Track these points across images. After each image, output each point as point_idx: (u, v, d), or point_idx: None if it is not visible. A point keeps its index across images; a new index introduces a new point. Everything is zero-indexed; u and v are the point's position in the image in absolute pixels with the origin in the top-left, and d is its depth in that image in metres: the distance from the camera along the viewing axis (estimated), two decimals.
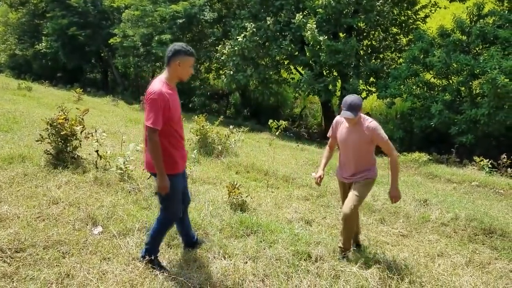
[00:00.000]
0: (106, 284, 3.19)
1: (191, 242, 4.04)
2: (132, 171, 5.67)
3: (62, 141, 5.77)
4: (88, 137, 5.87)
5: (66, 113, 5.82)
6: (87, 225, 4.15)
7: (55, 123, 5.66)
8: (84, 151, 6.28)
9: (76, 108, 6.26)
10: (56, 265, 3.35)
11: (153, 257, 3.53)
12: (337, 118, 4.28)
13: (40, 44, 26.28)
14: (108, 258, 3.61)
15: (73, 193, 4.87)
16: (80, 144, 5.92)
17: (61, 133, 5.68)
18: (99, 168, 5.82)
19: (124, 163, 5.56)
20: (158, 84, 3.28)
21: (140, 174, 5.83)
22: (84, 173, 5.59)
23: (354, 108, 3.89)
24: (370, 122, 4.04)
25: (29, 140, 6.95)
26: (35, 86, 18.87)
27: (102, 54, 27.61)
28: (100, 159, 5.84)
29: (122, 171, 5.53)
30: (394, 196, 4.16)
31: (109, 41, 22.92)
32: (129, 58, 23.38)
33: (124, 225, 4.20)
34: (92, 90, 25.01)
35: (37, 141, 5.77)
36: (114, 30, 22.69)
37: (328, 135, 4.45)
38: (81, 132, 5.80)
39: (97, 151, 5.77)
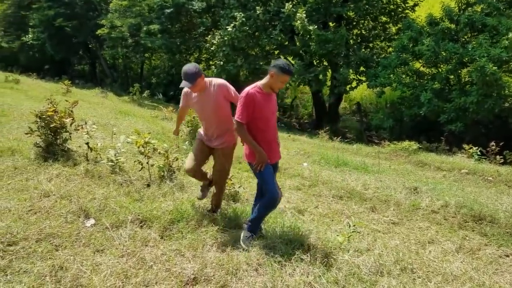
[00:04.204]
0: (100, 276, 3.19)
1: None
2: (123, 163, 5.64)
3: (52, 134, 5.71)
4: (78, 130, 5.82)
5: (55, 106, 5.76)
6: (79, 217, 4.12)
7: (44, 116, 5.59)
8: (74, 144, 6.24)
9: (66, 100, 6.18)
10: (49, 258, 3.34)
11: (253, 235, 4.07)
12: (184, 90, 4.32)
13: (26, 36, 25.88)
14: (102, 250, 3.61)
15: (64, 186, 4.83)
16: (70, 136, 5.87)
17: (51, 126, 5.62)
18: (90, 160, 5.78)
19: (115, 155, 5.53)
20: (251, 86, 3.85)
21: (131, 166, 5.80)
22: (75, 165, 5.55)
23: (191, 77, 3.98)
24: (216, 81, 4.15)
25: (18, 133, 6.88)
26: (23, 79, 18.62)
27: (90, 46, 27.33)
28: (91, 152, 5.80)
29: (113, 163, 5.49)
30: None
31: (97, 32, 22.65)
32: (118, 49, 23.16)
33: (117, 217, 4.19)
34: (81, 82, 24.77)
35: (26, 134, 5.70)
36: (101, 21, 22.42)
37: (180, 105, 4.55)
38: (71, 125, 5.75)
39: (87, 143, 5.72)
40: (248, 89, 3.82)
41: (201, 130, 4.49)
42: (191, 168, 4.36)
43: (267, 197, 3.98)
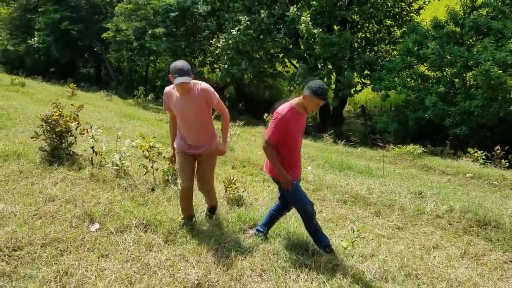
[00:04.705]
0: (105, 282, 3.20)
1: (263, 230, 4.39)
2: (128, 167, 5.65)
3: (57, 138, 5.74)
4: (83, 134, 5.84)
5: (60, 110, 5.78)
6: (84, 222, 4.14)
7: (50, 120, 5.62)
8: (79, 147, 6.26)
9: (71, 104, 6.21)
10: (54, 263, 3.36)
11: (325, 246, 4.05)
12: (168, 89, 4.08)
13: (32, 39, 26.03)
14: (106, 255, 3.62)
15: (70, 190, 4.85)
16: (75, 140, 5.90)
17: (56, 130, 5.64)
18: (95, 164, 5.80)
19: (120, 159, 5.54)
20: (286, 107, 3.78)
21: (136, 170, 5.82)
22: (80, 169, 5.57)
23: (188, 72, 3.76)
24: (201, 85, 4.00)
25: (23, 136, 6.91)
26: (28, 82, 18.67)
27: (95, 49, 27.43)
28: (96, 156, 5.82)
29: (118, 167, 5.51)
30: (221, 150, 4.20)
31: (102, 36, 22.77)
32: (123, 52, 23.26)
33: (121, 221, 4.20)
34: (86, 85, 24.87)
35: (32, 137, 5.72)
36: (107, 24, 22.55)
37: (164, 109, 4.31)
38: (76, 129, 5.77)
39: (92, 147, 5.74)
40: (285, 110, 3.75)
41: (178, 139, 4.24)
42: (187, 185, 4.17)
43: (304, 216, 4.02)
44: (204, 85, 4.01)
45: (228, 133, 4.38)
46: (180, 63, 3.80)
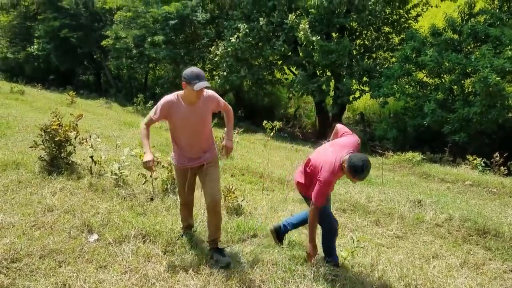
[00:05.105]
0: None
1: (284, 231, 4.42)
2: (127, 176, 5.64)
3: (56, 147, 5.74)
4: (83, 143, 5.85)
5: (59, 119, 5.78)
6: (83, 232, 4.13)
7: (49, 129, 5.63)
8: (78, 156, 6.25)
9: (70, 114, 6.22)
10: (52, 275, 3.34)
11: (334, 265, 4.01)
12: (171, 99, 3.82)
13: (32, 47, 26.07)
14: (105, 266, 3.61)
15: (68, 200, 4.85)
16: (75, 149, 5.90)
17: (55, 139, 5.65)
18: (94, 173, 5.79)
19: (119, 168, 5.54)
20: (334, 171, 3.65)
21: (135, 179, 5.81)
22: (79, 179, 5.57)
23: (204, 77, 3.66)
24: (207, 92, 3.88)
25: (23, 146, 6.91)
26: (28, 89, 18.73)
27: (94, 56, 27.48)
28: (95, 165, 5.82)
29: (117, 177, 5.51)
30: (229, 147, 4.18)
31: (102, 43, 22.82)
32: (122, 60, 23.30)
33: (120, 232, 4.19)
34: (85, 93, 24.90)
35: (31, 147, 5.73)
36: (106, 32, 22.59)
37: (156, 117, 3.84)
38: (75, 138, 5.78)
39: (91, 156, 5.74)
40: (331, 176, 3.66)
41: (175, 155, 4.07)
42: (188, 200, 4.22)
43: (327, 234, 4.09)
44: (210, 91, 3.95)
45: (232, 127, 4.33)
46: (196, 69, 3.70)
